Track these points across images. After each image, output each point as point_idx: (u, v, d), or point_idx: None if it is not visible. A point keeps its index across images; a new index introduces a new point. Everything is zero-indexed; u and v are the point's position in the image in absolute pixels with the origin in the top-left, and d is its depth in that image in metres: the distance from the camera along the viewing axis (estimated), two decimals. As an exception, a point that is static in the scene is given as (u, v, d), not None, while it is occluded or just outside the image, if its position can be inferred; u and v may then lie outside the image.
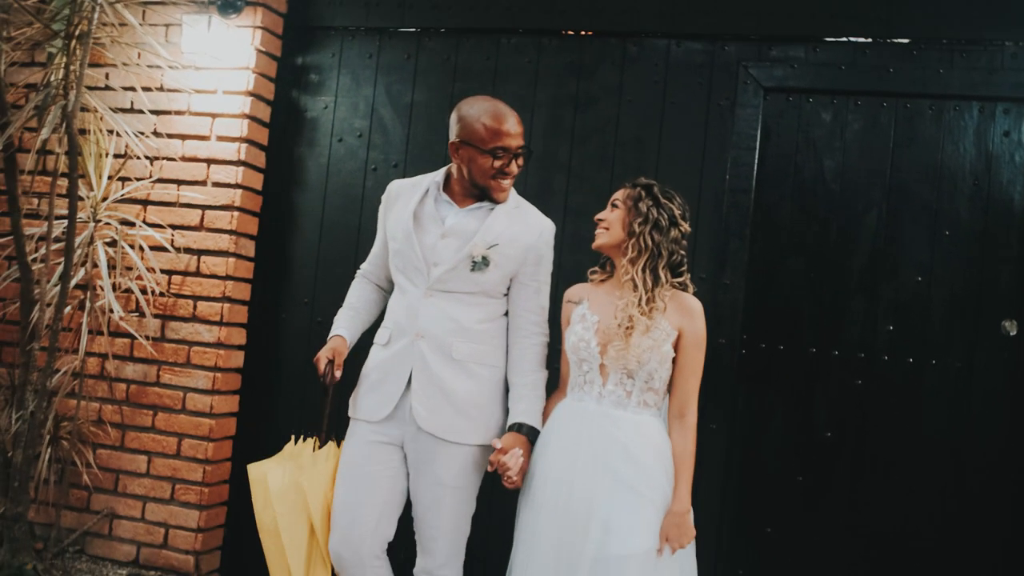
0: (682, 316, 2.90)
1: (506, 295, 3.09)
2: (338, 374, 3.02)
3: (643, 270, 2.89)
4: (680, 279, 2.97)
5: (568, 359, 3.05)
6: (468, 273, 2.96)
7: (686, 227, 2.98)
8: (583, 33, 4.08)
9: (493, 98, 3.03)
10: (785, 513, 3.76)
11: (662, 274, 2.90)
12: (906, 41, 3.76)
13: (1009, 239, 3.64)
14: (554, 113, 4.07)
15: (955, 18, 3.71)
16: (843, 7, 3.79)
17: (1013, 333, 3.62)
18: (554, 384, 3.13)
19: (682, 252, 2.97)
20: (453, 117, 3.01)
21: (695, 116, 3.91)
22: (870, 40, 3.79)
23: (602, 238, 3.03)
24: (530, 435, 2.97)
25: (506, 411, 3.04)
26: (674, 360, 2.92)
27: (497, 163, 2.95)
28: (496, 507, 3.32)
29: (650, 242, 2.90)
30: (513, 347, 3.08)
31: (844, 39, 3.81)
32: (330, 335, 3.15)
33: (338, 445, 3.10)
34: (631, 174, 3.06)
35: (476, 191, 3.03)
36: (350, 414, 3.11)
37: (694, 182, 3.85)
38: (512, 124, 2.96)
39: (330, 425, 3.08)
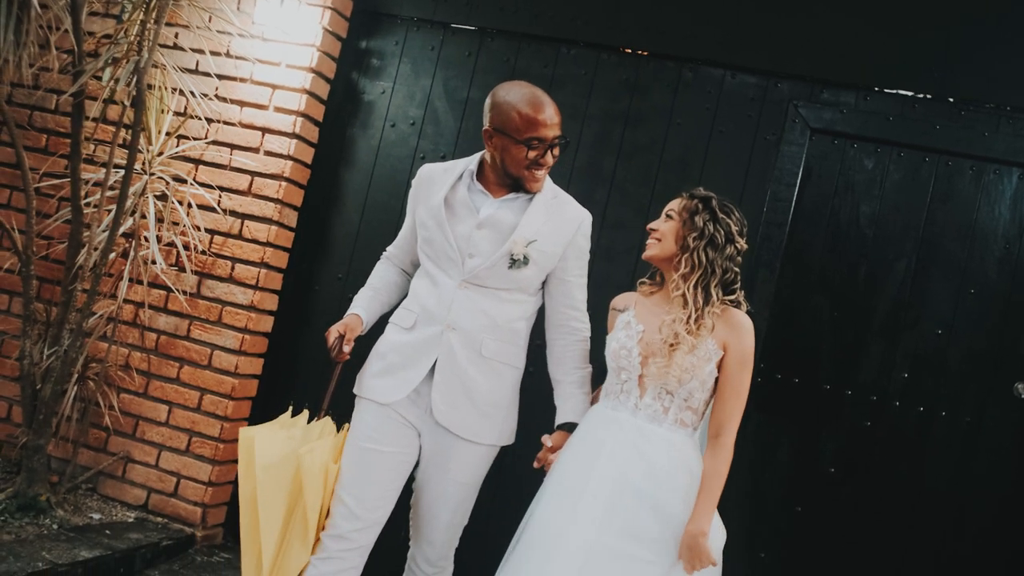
0: (729, 332, 2.77)
1: (540, 290, 3.00)
2: (347, 350, 2.92)
3: (694, 287, 2.77)
4: (732, 296, 2.83)
5: (607, 364, 2.93)
6: (506, 270, 2.86)
7: (742, 244, 2.86)
8: (641, 53, 4.18)
9: (530, 84, 2.89)
10: (780, 540, 3.85)
11: (713, 292, 2.77)
12: (954, 100, 3.84)
13: (1032, 305, 3.72)
14: (604, 127, 4.17)
15: (1006, 84, 3.79)
16: (897, 59, 3.88)
17: (1024, 396, 3.70)
18: (536, 400, 3.15)
19: (736, 269, 2.84)
20: (488, 102, 2.88)
21: (741, 147, 4.01)
22: (920, 95, 3.87)
23: (653, 249, 2.90)
24: None
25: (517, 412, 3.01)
26: (716, 379, 2.79)
27: (532, 154, 2.82)
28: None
29: (704, 259, 2.78)
30: (555, 343, 3.01)
31: (894, 91, 3.89)
32: (347, 312, 3.06)
33: (335, 423, 2.98)
34: (672, 194, 3.07)
35: (509, 181, 2.91)
36: (356, 391, 3.00)
37: (732, 210, 3.94)
38: (550, 113, 2.82)
39: (331, 402, 2.99)
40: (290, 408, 3.03)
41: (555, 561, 2.64)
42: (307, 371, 4.37)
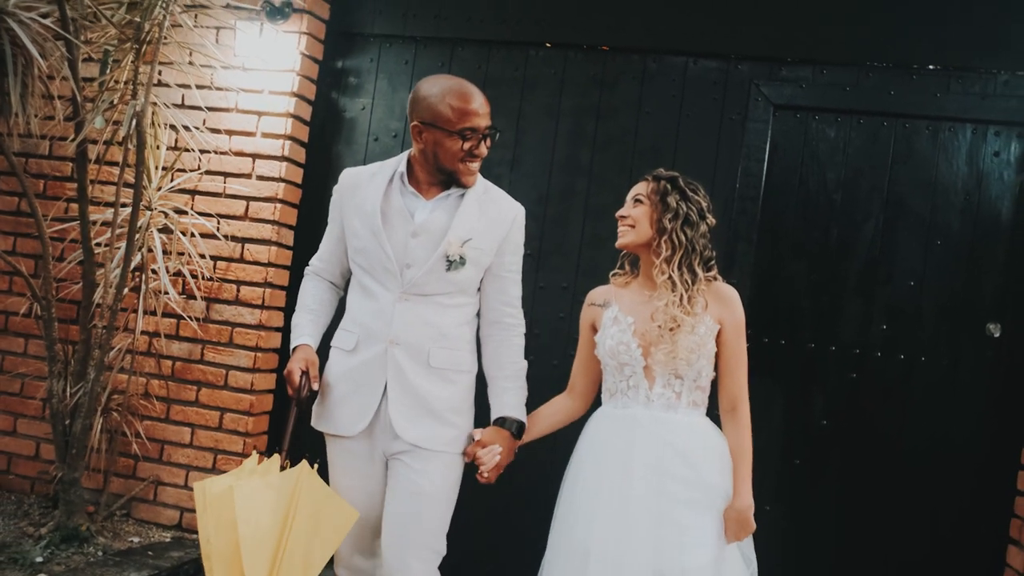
0: (721, 307, 2.81)
1: (479, 290, 2.95)
2: (316, 386, 2.83)
3: (679, 268, 2.77)
4: (711, 272, 2.85)
5: (594, 364, 2.95)
6: (444, 273, 2.79)
7: (712, 220, 2.88)
8: (606, 48, 4.39)
9: (455, 76, 2.86)
10: (784, 493, 4.09)
11: (698, 270, 2.79)
12: (905, 66, 4.08)
13: (996, 250, 3.98)
14: (577, 121, 4.39)
15: (953, 47, 4.03)
16: (848, 33, 4.11)
17: (996, 335, 3.95)
18: (538, 388, 3.11)
19: (710, 245, 2.87)
20: (412, 97, 2.80)
21: (709, 128, 4.23)
22: (873, 64, 4.11)
23: (628, 236, 2.88)
24: (515, 430, 2.89)
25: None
26: (716, 354, 2.84)
27: (467, 145, 2.75)
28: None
29: (683, 238, 2.78)
30: (489, 340, 2.95)
31: (849, 62, 4.13)
32: (293, 343, 2.93)
33: (309, 461, 2.72)
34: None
35: (442, 176, 2.83)
36: (319, 427, 2.94)
37: (706, 189, 4.13)
38: (480, 102, 2.76)
39: (292, 441, 2.81)
40: (255, 455, 2.78)
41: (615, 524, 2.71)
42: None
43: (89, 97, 4.06)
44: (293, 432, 2.80)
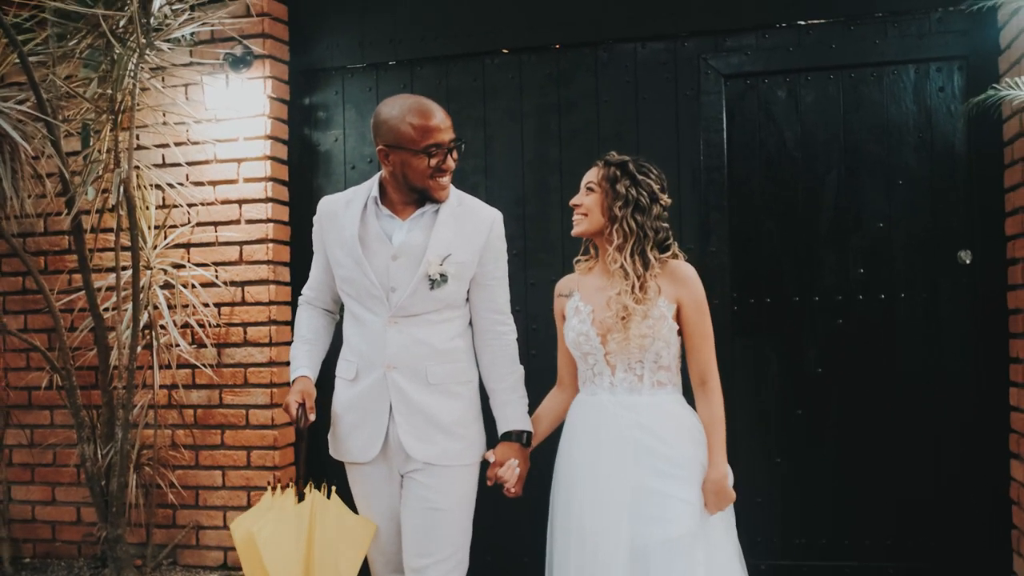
0: (677, 286, 2.84)
1: (467, 300, 2.99)
2: (312, 416, 2.86)
3: (631, 256, 2.81)
4: (668, 253, 2.88)
5: (571, 354, 3.00)
6: (429, 292, 2.82)
7: (666, 200, 2.90)
8: (558, 47, 4.56)
9: (413, 95, 2.91)
10: (790, 444, 4.27)
11: (651, 256, 2.81)
12: (843, 18, 4.25)
13: (955, 180, 4.14)
14: (541, 120, 4.56)
15: (884, -7, 4.21)
16: (784, -4, 4.30)
17: (968, 261, 4.11)
18: (546, 381, 3.24)
19: (665, 226, 2.89)
20: (373, 122, 2.86)
21: (666, 108, 4.41)
22: (811, 22, 4.28)
23: (581, 225, 2.94)
24: (525, 440, 2.96)
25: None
26: (679, 332, 2.87)
27: (433, 161, 2.79)
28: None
29: (634, 225, 2.81)
30: (484, 351, 2.99)
31: (788, 24, 4.30)
32: (292, 374, 3.00)
33: (322, 491, 2.87)
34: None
35: (415, 195, 2.87)
36: (336, 457, 3.03)
37: (673, 166, 4.33)
38: (441, 117, 2.80)
39: (307, 470, 2.91)
40: (269, 490, 2.88)
41: (603, 509, 2.79)
42: (328, 406, 4.74)
43: (75, 171, 4.25)
44: (308, 460, 2.92)
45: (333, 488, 2.90)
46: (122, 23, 3.91)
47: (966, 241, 4.12)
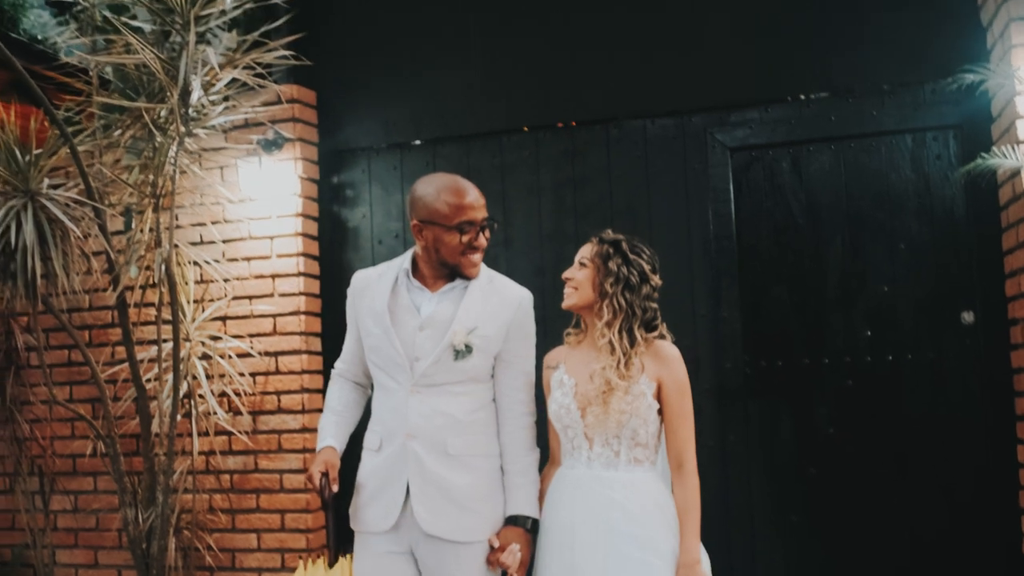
0: (659, 366, 2.86)
1: (492, 376, 2.98)
2: (335, 487, 2.85)
3: (619, 332, 2.84)
4: (655, 332, 2.91)
5: (554, 427, 3.01)
6: (452, 363, 2.84)
7: (656, 280, 2.93)
8: (574, 124, 4.81)
9: (449, 173, 2.99)
10: (803, 502, 4.39)
11: (637, 334, 2.84)
12: (842, 91, 4.47)
13: (955, 243, 4.30)
14: (557, 194, 4.80)
15: (881, 68, 4.41)
16: (784, 72, 4.52)
17: (971, 321, 4.26)
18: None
19: (654, 306, 2.92)
20: (409, 198, 2.93)
21: (675, 180, 4.63)
22: (811, 96, 4.50)
23: (571, 299, 2.96)
24: (530, 526, 2.92)
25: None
26: (659, 411, 2.87)
27: (466, 238, 2.83)
28: None
29: (623, 302, 2.84)
30: (503, 428, 2.97)
31: (789, 98, 4.53)
32: (318, 444, 3.02)
33: (348, 560, 2.97)
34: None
35: (446, 270, 2.91)
36: (353, 526, 2.99)
37: (683, 236, 4.55)
38: (475, 196, 2.87)
39: (337, 540, 2.98)
40: (300, 565, 3.00)
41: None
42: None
43: (120, 249, 4.53)
44: (337, 529, 2.98)
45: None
46: (163, 114, 4.20)
47: (968, 302, 4.27)
